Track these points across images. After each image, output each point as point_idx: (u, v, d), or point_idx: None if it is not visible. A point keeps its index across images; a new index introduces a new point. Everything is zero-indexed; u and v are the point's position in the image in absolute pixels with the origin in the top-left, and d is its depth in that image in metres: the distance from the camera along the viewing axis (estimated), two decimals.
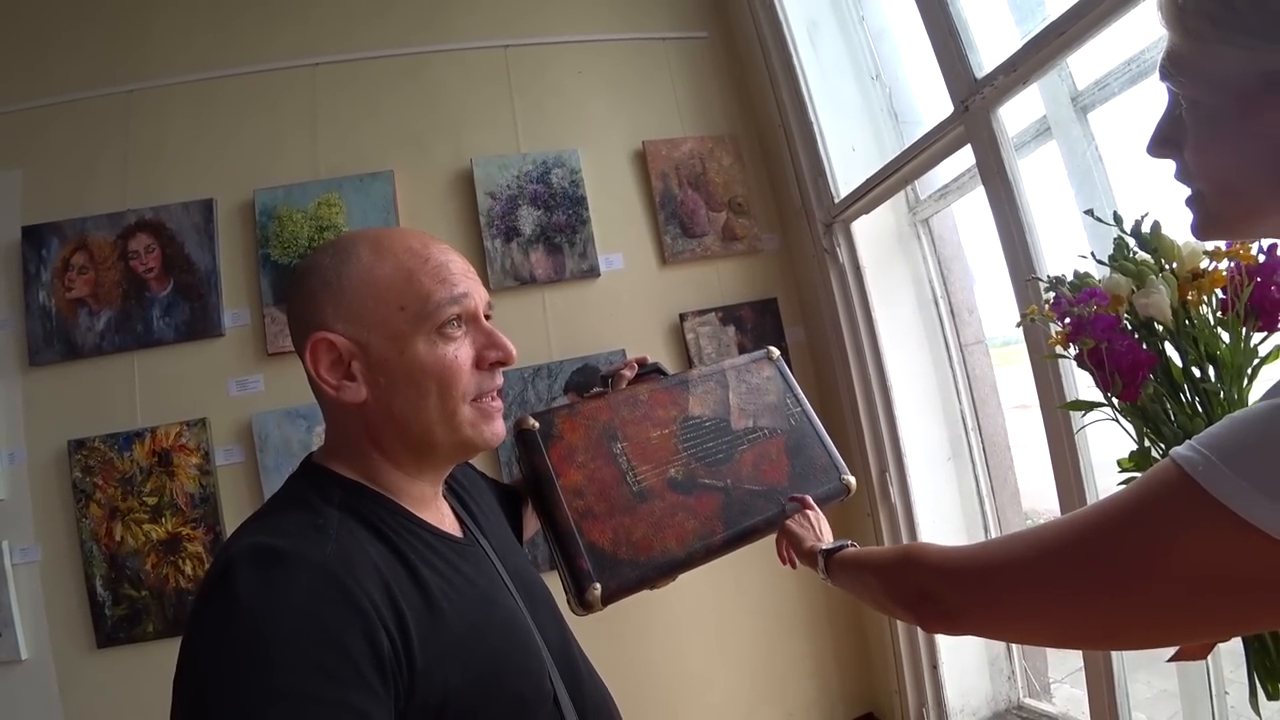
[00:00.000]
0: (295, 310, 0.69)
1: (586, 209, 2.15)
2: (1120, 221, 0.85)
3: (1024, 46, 1.35)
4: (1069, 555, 0.50)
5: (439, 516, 0.73)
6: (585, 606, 0.88)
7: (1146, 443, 0.87)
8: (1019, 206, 1.41)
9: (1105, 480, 1.39)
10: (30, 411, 1.86)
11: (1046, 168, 1.56)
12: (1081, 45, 1.27)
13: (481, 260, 2.05)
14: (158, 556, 1.84)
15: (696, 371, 1.12)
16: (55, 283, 1.88)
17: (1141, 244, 0.85)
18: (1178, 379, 0.83)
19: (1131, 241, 0.86)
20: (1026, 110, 1.59)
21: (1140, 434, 0.86)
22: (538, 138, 2.17)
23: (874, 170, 1.88)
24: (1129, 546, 0.46)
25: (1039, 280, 1.09)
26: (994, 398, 2.06)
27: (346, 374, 0.66)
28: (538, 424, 0.96)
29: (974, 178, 1.77)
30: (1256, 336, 0.78)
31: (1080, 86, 1.50)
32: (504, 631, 0.66)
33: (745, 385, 1.13)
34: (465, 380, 0.68)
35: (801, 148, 2.09)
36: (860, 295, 2.01)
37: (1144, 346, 0.82)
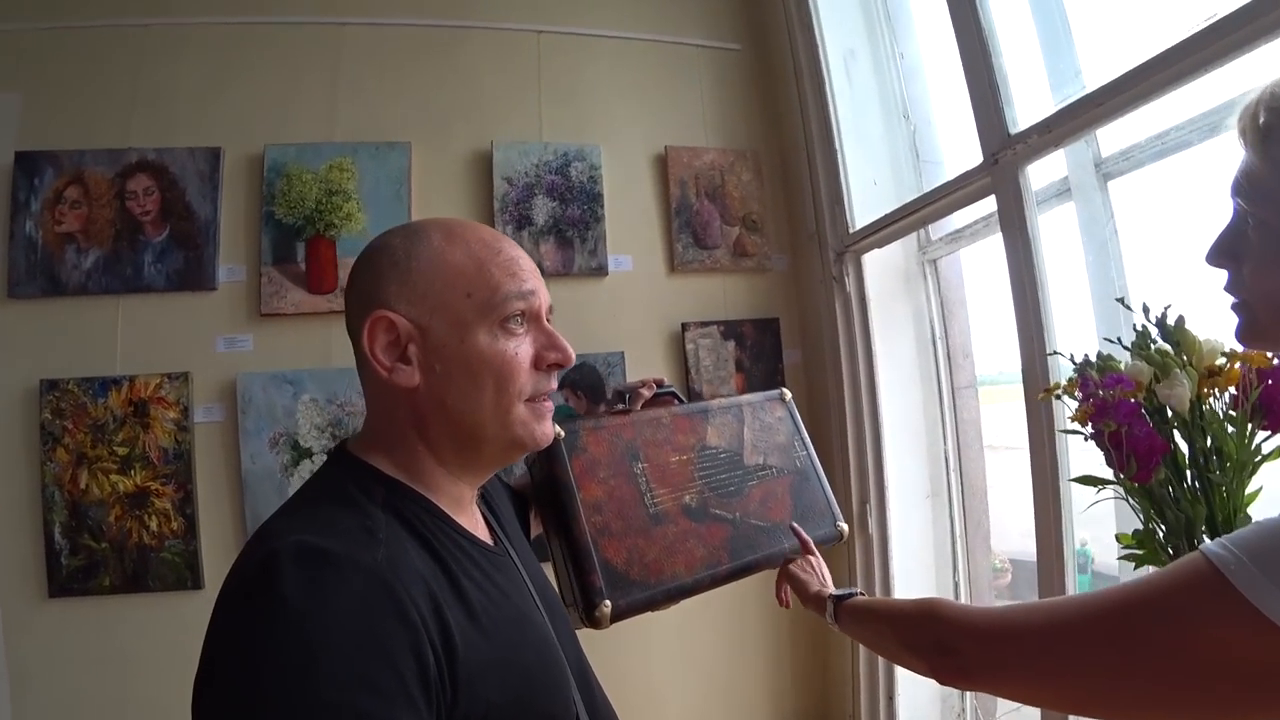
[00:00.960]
0: (358, 286, 0.67)
1: (602, 206, 2.14)
2: (1147, 311, 0.88)
3: (1061, 110, 1.38)
4: (1093, 632, 0.53)
5: (473, 522, 0.71)
6: (592, 623, 0.88)
7: (1151, 524, 0.91)
8: (1034, 264, 1.44)
9: (1081, 530, 1.44)
10: (2, 345, 1.78)
11: (1062, 228, 1.60)
12: (1118, 118, 1.30)
13: None
14: (122, 509, 1.78)
15: (716, 403, 1.14)
16: (45, 214, 1.79)
17: (1164, 334, 0.88)
18: (1183, 465, 0.87)
19: (1154, 330, 0.89)
20: (1049, 168, 1.62)
21: (1147, 514, 0.89)
22: (561, 128, 2.15)
23: (892, 205, 1.90)
24: (1155, 630, 0.49)
25: (1058, 354, 1.12)
26: (977, 441, 2.11)
27: (402, 356, 0.64)
28: (563, 433, 0.95)
29: (988, 226, 1.80)
30: (1261, 434, 0.83)
31: (1105, 153, 1.54)
32: (538, 649, 0.65)
33: (759, 423, 1.15)
34: (523, 378, 0.67)
35: (823, 173, 2.10)
36: (863, 326, 2.04)
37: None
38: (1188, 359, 0.87)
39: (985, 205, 1.68)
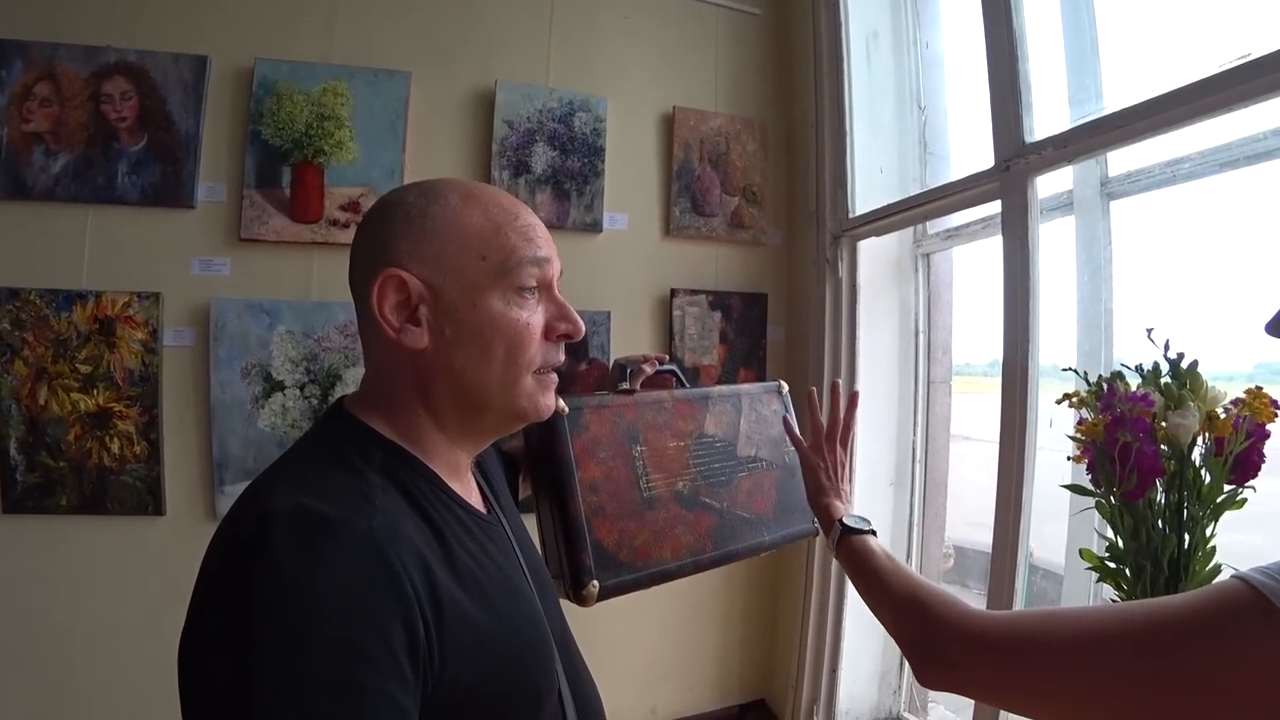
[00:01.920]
0: (367, 242, 0.65)
1: (602, 161, 2.09)
2: (1167, 347, 0.91)
3: (1079, 127, 1.38)
4: (1121, 650, 0.52)
5: (468, 490, 0.70)
6: (579, 600, 0.91)
7: (1121, 541, 0.96)
8: (1030, 273, 1.46)
9: (1041, 527, 1.51)
10: None
11: (1060, 240, 1.62)
12: (1136, 142, 1.30)
13: None
14: (83, 429, 1.72)
15: (717, 390, 1.15)
16: (11, 110, 1.66)
17: (1173, 372, 0.91)
18: (1172, 493, 0.91)
19: (1164, 366, 0.92)
20: (1054, 180, 1.63)
21: (1129, 530, 0.94)
22: (568, 76, 2.07)
23: (894, 193, 1.89)
24: (1192, 652, 0.48)
25: (1072, 370, 1.14)
26: (944, 434, 2.17)
27: (411, 317, 0.62)
28: (567, 409, 0.95)
29: (987, 227, 1.81)
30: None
31: (1112, 173, 1.55)
32: (527, 621, 0.65)
33: (755, 414, 1.16)
34: (534, 349, 0.66)
35: (829, 153, 2.08)
36: (850, 312, 2.06)
37: None
38: (1191, 400, 0.91)
39: (988, 207, 1.69)
